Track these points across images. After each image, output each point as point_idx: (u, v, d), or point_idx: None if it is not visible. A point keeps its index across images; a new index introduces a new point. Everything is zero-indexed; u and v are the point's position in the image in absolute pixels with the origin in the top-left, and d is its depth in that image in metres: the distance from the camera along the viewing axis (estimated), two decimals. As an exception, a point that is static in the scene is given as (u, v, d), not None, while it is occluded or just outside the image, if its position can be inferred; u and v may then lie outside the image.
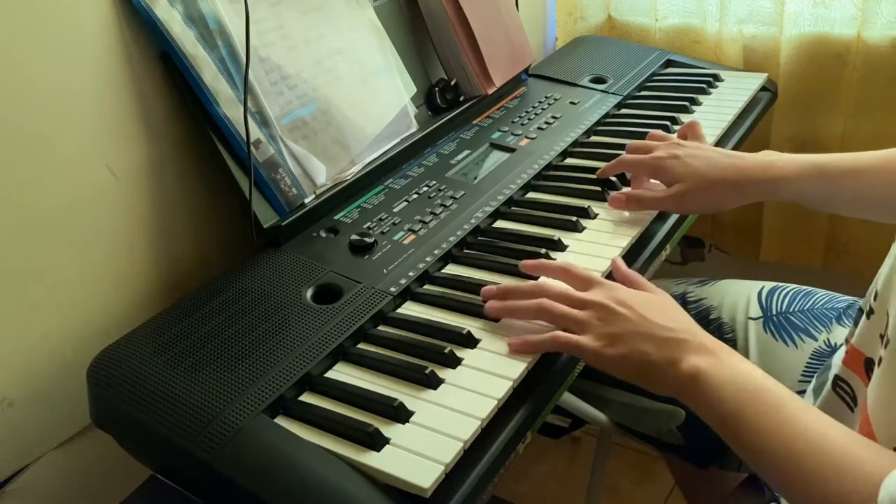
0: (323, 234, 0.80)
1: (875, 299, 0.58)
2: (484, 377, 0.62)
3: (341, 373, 0.64)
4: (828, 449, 0.53)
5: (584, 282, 0.68)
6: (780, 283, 0.93)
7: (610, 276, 0.74)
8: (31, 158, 0.67)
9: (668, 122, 1.04)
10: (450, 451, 0.55)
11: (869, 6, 1.17)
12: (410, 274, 0.74)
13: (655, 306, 0.65)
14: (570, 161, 0.98)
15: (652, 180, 0.87)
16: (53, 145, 0.69)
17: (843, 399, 0.64)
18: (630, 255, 0.80)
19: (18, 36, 0.65)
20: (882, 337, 0.55)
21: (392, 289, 0.72)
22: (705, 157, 0.82)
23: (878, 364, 0.55)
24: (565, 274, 0.70)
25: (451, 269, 0.77)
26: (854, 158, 0.78)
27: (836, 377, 0.64)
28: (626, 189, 0.87)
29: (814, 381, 0.74)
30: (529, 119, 1.06)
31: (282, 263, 0.75)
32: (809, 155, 0.80)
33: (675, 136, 0.91)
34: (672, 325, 0.63)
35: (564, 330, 0.65)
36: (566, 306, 0.66)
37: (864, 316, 0.60)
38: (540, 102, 1.10)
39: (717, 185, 0.80)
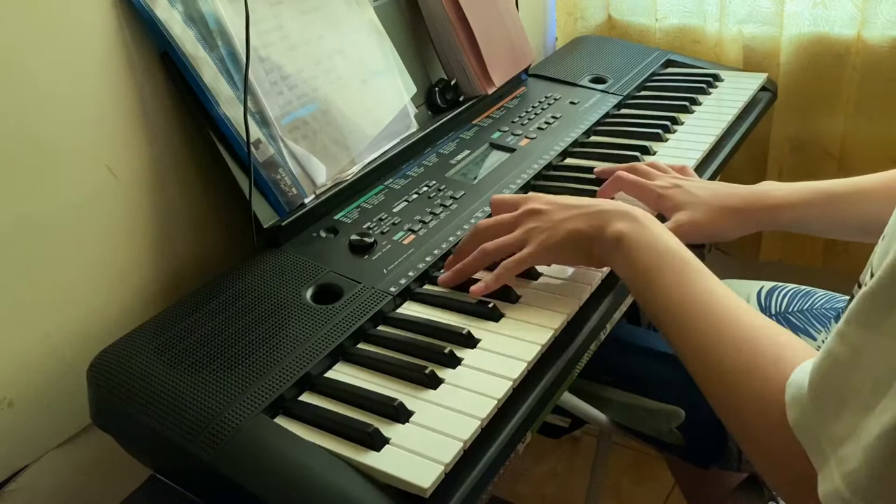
0: (323, 234, 0.80)
1: (871, 277, 0.58)
2: (484, 377, 0.62)
3: (341, 373, 0.64)
4: (718, 310, 0.57)
5: (513, 203, 0.73)
6: (780, 283, 0.93)
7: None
8: (31, 159, 0.67)
9: (668, 122, 1.04)
10: (450, 451, 0.55)
11: (869, 6, 1.17)
12: (410, 274, 0.74)
13: (578, 197, 0.72)
14: (570, 161, 0.98)
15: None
16: (53, 145, 0.69)
17: None
18: (630, 255, 0.80)
19: (18, 36, 0.65)
20: None
21: (392, 289, 0.72)
22: (706, 187, 0.81)
23: None
24: (497, 205, 0.75)
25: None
26: (854, 181, 0.78)
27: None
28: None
29: None
30: (529, 119, 1.06)
31: (282, 263, 0.75)
32: (808, 182, 0.79)
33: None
34: (596, 201, 0.69)
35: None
36: (503, 237, 0.70)
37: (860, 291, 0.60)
38: (540, 102, 1.10)
39: (721, 211, 0.79)
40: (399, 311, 0.71)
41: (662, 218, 0.82)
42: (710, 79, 1.17)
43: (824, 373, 0.45)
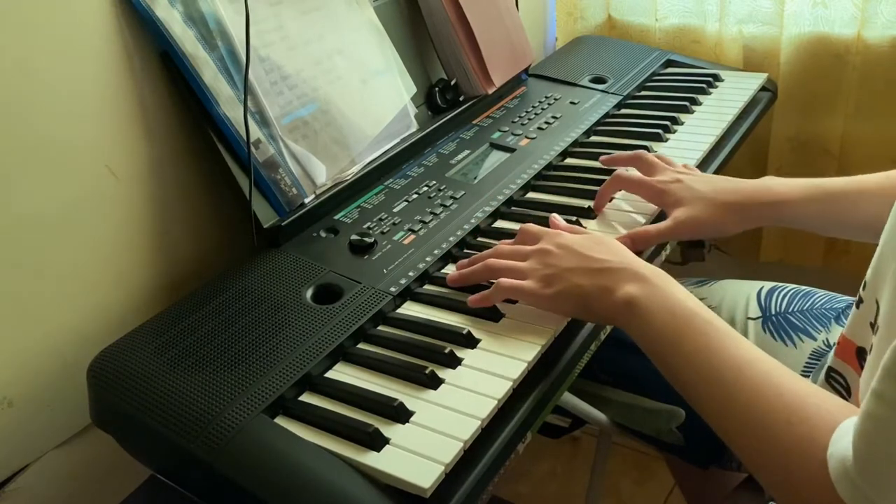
0: (323, 234, 0.80)
1: (864, 289, 0.58)
2: (484, 377, 0.62)
3: (341, 373, 0.64)
4: (749, 375, 0.54)
5: (534, 236, 0.72)
6: (780, 284, 0.93)
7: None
8: (31, 158, 0.67)
9: (668, 122, 1.04)
10: (450, 452, 0.55)
11: (869, 6, 1.17)
12: (410, 274, 0.74)
13: (593, 243, 0.68)
14: (570, 161, 0.98)
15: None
16: (53, 145, 0.69)
17: (836, 390, 0.64)
18: (630, 255, 0.80)
19: (19, 36, 0.65)
20: (872, 325, 0.55)
21: (392, 289, 0.72)
22: (707, 182, 0.81)
23: (870, 352, 0.55)
24: (522, 234, 0.74)
25: (452, 269, 0.77)
26: (855, 180, 0.78)
27: (830, 369, 0.65)
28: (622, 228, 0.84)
29: (809, 380, 0.74)
30: (529, 119, 1.06)
31: (282, 263, 0.75)
32: (809, 178, 0.79)
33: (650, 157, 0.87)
34: (608, 257, 0.65)
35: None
36: (511, 261, 0.70)
37: (854, 306, 0.60)
38: (540, 102, 1.10)
39: (722, 207, 0.78)
40: (399, 311, 0.71)
41: (663, 215, 0.82)
42: (710, 79, 1.17)
43: (869, 439, 0.44)
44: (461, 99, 1.06)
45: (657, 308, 0.60)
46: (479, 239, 0.82)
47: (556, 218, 0.79)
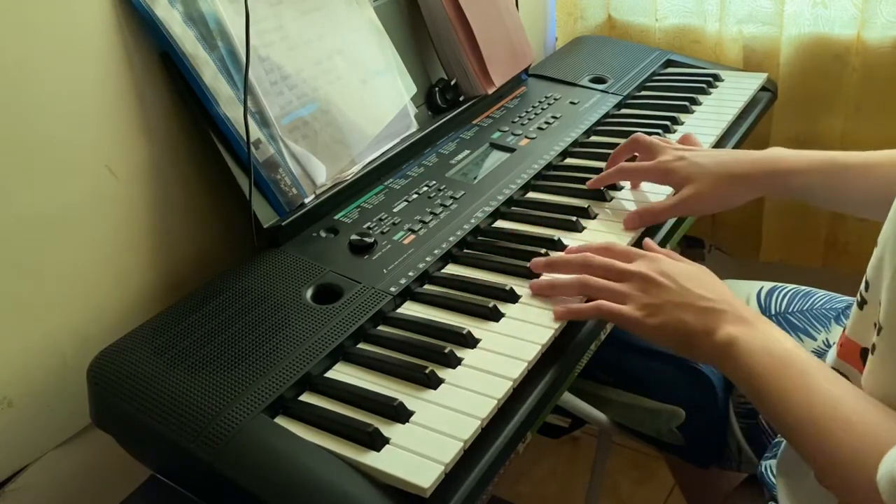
0: (323, 234, 0.80)
1: (867, 290, 0.59)
2: (484, 377, 0.62)
3: (341, 373, 0.64)
4: (843, 413, 0.54)
5: (626, 255, 0.71)
6: (779, 284, 0.93)
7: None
8: (31, 159, 0.67)
9: (668, 122, 1.04)
10: (450, 451, 0.55)
11: (869, 6, 1.17)
12: (410, 274, 0.74)
13: (695, 278, 0.67)
14: (569, 161, 0.98)
15: (644, 183, 0.87)
16: (53, 145, 0.69)
17: None
18: (630, 255, 0.80)
19: (19, 36, 0.65)
20: (875, 325, 0.55)
21: (392, 289, 0.72)
22: (711, 156, 0.81)
23: (872, 351, 0.56)
24: (607, 251, 0.72)
25: (451, 269, 0.77)
26: (863, 154, 0.78)
27: (832, 370, 0.65)
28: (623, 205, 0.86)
29: None
30: (529, 119, 1.06)
31: (282, 263, 0.75)
32: (817, 150, 0.80)
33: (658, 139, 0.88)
34: (711, 295, 0.65)
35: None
36: (609, 281, 0.68)
37: (856, 307, 0.60)
38: (540, 102, 1.10)
39: (728, 179, 0.79)
40: (399, 311, 0.71)
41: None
42: (710, 79, 1.17)
43: None
44: (461, 99, 1.06)
45: (758, 349, 0.60)
46: (479, 239, 0.82)
47: (651, 243, 0.77)
